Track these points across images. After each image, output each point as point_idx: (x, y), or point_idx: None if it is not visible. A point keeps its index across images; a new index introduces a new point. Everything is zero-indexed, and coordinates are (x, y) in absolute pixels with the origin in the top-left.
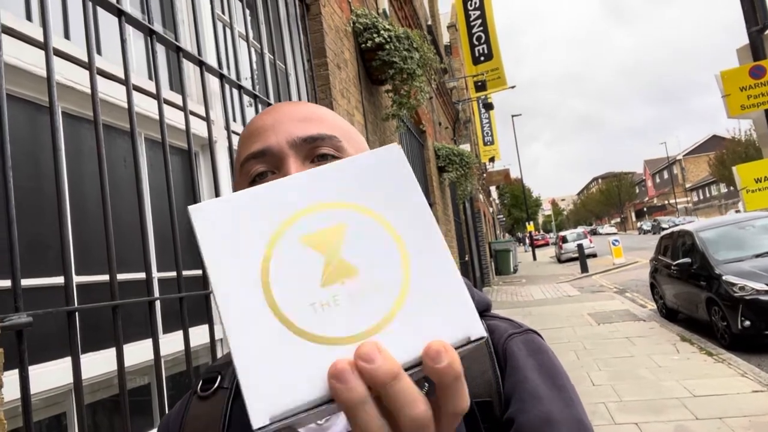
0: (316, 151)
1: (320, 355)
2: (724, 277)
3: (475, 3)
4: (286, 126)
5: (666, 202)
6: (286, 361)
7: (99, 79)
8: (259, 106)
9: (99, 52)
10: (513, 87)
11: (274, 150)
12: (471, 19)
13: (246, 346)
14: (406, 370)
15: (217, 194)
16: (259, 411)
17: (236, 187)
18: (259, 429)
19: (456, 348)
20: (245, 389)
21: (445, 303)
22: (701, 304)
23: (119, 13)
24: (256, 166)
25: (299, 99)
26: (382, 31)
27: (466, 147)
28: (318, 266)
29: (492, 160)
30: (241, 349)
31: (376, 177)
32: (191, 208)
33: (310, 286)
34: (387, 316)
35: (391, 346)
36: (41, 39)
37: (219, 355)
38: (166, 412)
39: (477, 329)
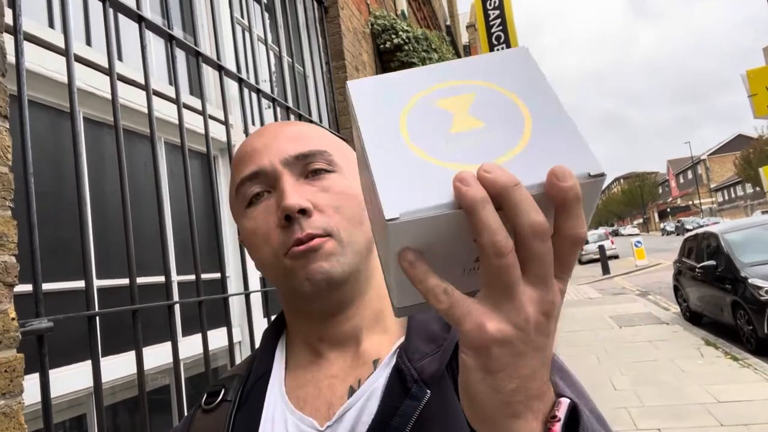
0: (309, 167)
1: (447, 173)
2: (750, 280)
3: (495, 2)
4: (277, 145)
5: (690, 202)
6: (418, 175)
7: (119, 84)
8: (278, 110)
9: (120, 58)
10: None
11: (267, 170)
12: (490, 18)
13: (383, 164)
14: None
15: None
16: (391, 206)
17: (234, 212)
18: (389, 221)
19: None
20: (380, 188)
21: (564, 145)
22: (726, 307)
23: (139, 19)
24: (252, 187)
25: (317, 101)
26: (400, 32)
27: None
28: (448, 119)
29: None
30: (379, 166)
31: (506, 66)
32: (349, 83)
33: (440, 130)
34: (510, 152)
35: (514, 170)
36: (63, 46)
37: (237, 357)
38: (185, 412)
39: (595, 165)
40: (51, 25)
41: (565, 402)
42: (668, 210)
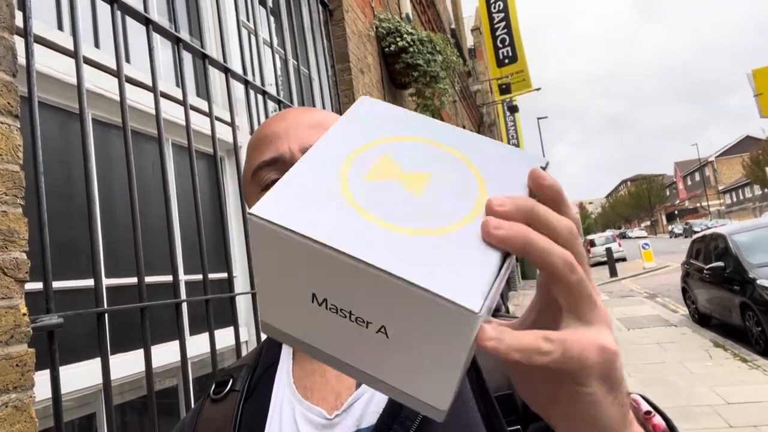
0: None
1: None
2: (758, 281)
3: (499, 5)
4: (297, 133)
5: (698, 204)
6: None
7: (128, 86)
8: None
9: (128, 60)
10: (538, 89)
11: (286, 157)
12: (495, 21)
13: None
14: None
15: (242, 198)
16: (466, 297)
17: (248, 195)
18: (474, 312)
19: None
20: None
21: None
22: (735, 309)
23: (147, 22)
24: (269, 173)
25: (323, 104)
26: (405, 35)
27: None
28: (396, 186)
29: None
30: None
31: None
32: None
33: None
34: (479, 201)
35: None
36: (72, 48)
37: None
38: None
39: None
40: (60, 27)
41: (636, 397)
42: (676, 212)
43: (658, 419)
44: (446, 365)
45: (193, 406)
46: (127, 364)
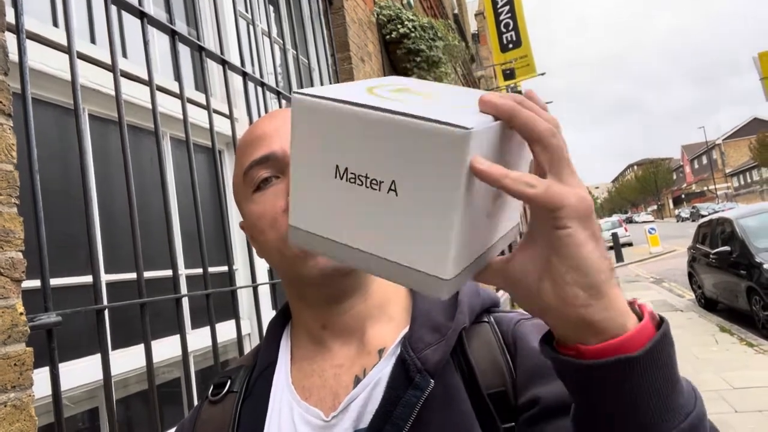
0: None
1: (460, 109)
2: (765, 266)
3: None
4: (288, 130)
5: (705, 188)
6: (444, 112)
7: (124, 81)
8: (283, 103)
9: (124, 55)
10: (543, 74)
11: (278, 155)
12: (498, 6)
13: (408, 109)
14: None
15: None
16: (457, 121)
17: (240, 197)
18: (468, 129)
19: None
20: (433, 115)
21: None
22: (741, 293)
23: (141, 15)
24: (261, 172)
25: None
26: (406, 22)
27: None
28: (411, 94)
29: None
30: (410, 109)
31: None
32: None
33: (414, 99)
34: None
35: None
36: (66, 44)
37: (246, 349)
38: (195, 404)
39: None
40: (55, 24)
41: None
42: (683, 196)
43: (643, 301)
44: (445, 211)
45: (195, 399)
46: (129, 359)
